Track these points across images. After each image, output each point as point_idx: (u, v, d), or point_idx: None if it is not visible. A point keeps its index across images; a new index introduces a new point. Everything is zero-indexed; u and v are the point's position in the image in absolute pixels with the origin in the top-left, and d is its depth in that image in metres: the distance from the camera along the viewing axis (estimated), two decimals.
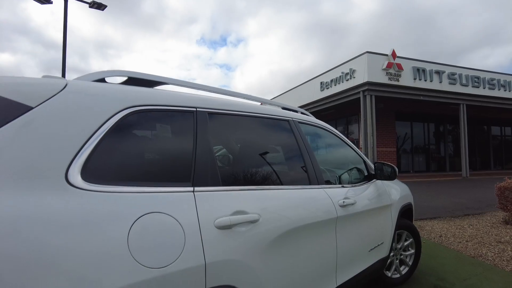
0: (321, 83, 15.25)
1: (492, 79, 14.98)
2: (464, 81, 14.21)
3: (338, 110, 15.80)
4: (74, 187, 1.03)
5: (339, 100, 14.18)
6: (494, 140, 19.29)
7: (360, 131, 13.33)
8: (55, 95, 1.10)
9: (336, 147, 2.71)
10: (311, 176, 2.04)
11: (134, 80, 1.53)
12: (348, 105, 14.57)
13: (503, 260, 3.92)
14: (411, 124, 16.17)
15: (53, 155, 1.03)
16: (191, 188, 1.32)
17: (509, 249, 4.28)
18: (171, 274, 1.09)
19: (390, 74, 12.76)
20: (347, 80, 13.50)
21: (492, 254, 4.14)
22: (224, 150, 1.98)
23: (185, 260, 1.14)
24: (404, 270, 3.24)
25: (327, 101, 14.87)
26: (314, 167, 2.09)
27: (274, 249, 1.55)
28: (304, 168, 2.04)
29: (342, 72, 13.75)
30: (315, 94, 15.57)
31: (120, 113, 1.23)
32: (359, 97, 12.82)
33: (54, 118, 1.07)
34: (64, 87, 1.14)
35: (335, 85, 14.31)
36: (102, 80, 1.37)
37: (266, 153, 1.96)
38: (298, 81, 19.81)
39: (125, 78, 1.54)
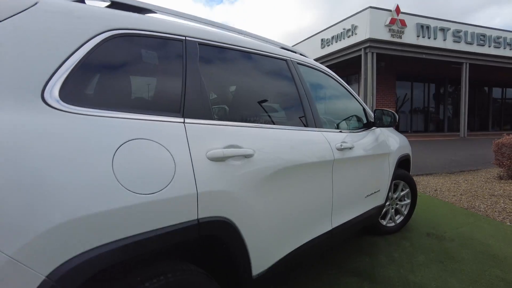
0: (321, 40, 14.75)
1: (499, 37, 14.50)
2: (469, 39, 13.76)
3: (338, 68, 15.43)
4: (51, 108, 0.95)
5: (340, 58, 13.80)
6: (495, 102, 19.14)
7: (360, 90, 13.11)
8: (24, 10, 0.99)
9: (335, 92, 2.62)
10: (309, 118, 1.97)
11: (118, 5, 1.39)
12: (348, 64, 14.22)
13: (495, 211, 3.99)
14: (411, 85, 15.90)
15: (26, 73, 0.94)
16: (181, 119, 1.25)
17: (501, 201, 4.35)
18: (160, 201, 1.05)
19: (393, 30, 12.30)
20: (348, 37, 13.04)
21: (485, 206, 4.21)
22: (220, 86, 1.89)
23: (175, 188, 1.10)
24: (399, 219, 3.29)
25: (328, 59, 14.48)
26: (312, 110, 2.02)
27: (270, 186, 1.51)
28: (302, 110, 1.97)
29: (344, 29, 13.24)
30: (315, 51, 15.11)
31: (101, 35, 1.13)
32: (360, 55, 12.47)
33: (24, 36, 0.96)
34: (35, 4, 1.03)
35: (336, 42, 13.85)
36: (81, 1, 1.24)
37: (262, 91, 1.88)
38: (297, 41, 19.15)
39: (108, 3, 1.41)
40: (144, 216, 1.01)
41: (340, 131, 2.30)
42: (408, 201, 3.33)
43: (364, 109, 2.77)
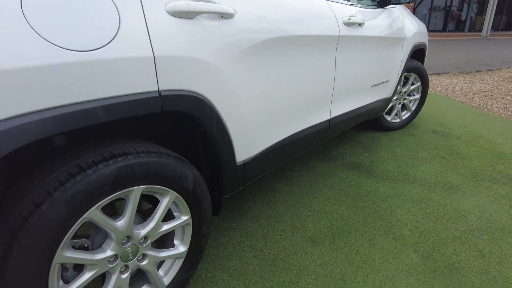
0: None
1: None
2: None
3: None
4: None
5: None
6: None
7: None
8: None
9: None
10: None
11: None
12: None
13: (508, 110, 3.75)
14: None
15: None
16: None
17: None
18: (100, 63, 0.79)
19: None
20: None
21: (498, 105, 3.95)
22: None
23: (120, 46, 0.83)
24: (405, 115, 3.07)
25: None
26: None
27: (255, 59, 1.24)
28: None
29: None
30: None
31: None
32: None
33: None
34: None
35: None
36: None
37: None
38: None
39: None
40: (81, 81, 0.77)
41: (352, 4, 1.89)
42: (417, 96, 3.06)
43: None
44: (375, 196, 1.97)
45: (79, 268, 0.94)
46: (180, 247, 1.17)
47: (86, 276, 0.91)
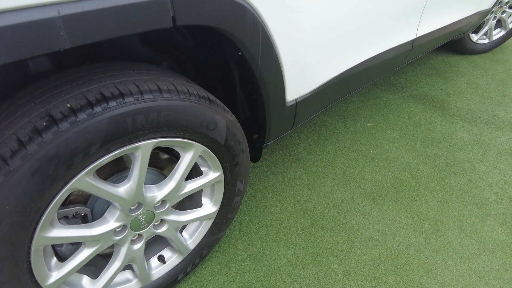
0: None
1: None
2: None
3: None
4: None
5: None
6: None
7: None
8: None
9: None
10: None
11: None
12: None
13: None
14: None
15: None
16: None
17: None
18: None
19: None
20: None
21: None
22: None
23: None
24: (497, 34, 2.40)
25: None
26: None
27: None
28: None
29: None
30: None
31: None
32: None
33: None
34: None
35: None
36: None
37: None
38: None
39: None
40: None
41: None
42: None
43: None
44: (450, 142, 1.58)
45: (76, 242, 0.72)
46: (210, 207, 0.93)
47: (86, 253, 0.69)
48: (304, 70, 0.94)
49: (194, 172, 0.90)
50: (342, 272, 1.04)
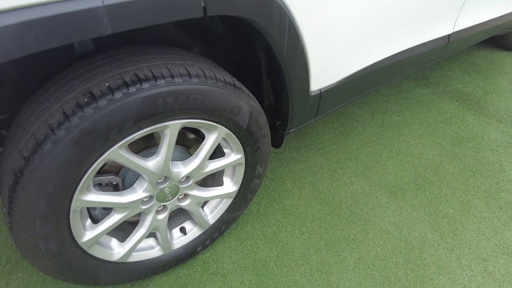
0: None
1: None
2: None
3: None
4: None
5: None
6: None
7: None
8: None
9: None
10: None
11: None
12: None
13: None
14: None
15: None
16: None
17: None
18: None
19: None
20: None
21: None
22: None
23: None
24: None
25: None
26: None
27: None
28: None
29: None
30: None
31: None
32: None
33: None
34: None
35: None
36: None
37: None
38: None
39: None
40: None
41: None
42: None
43: None
44: (481, 142, 1.53)
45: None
46: (230, 186, 0.98)
47: (115, 218, 0.77)
48: (330, 62, 0.95)
49: (217, 152, 0.95)
50: (353, 260, 1.08)
